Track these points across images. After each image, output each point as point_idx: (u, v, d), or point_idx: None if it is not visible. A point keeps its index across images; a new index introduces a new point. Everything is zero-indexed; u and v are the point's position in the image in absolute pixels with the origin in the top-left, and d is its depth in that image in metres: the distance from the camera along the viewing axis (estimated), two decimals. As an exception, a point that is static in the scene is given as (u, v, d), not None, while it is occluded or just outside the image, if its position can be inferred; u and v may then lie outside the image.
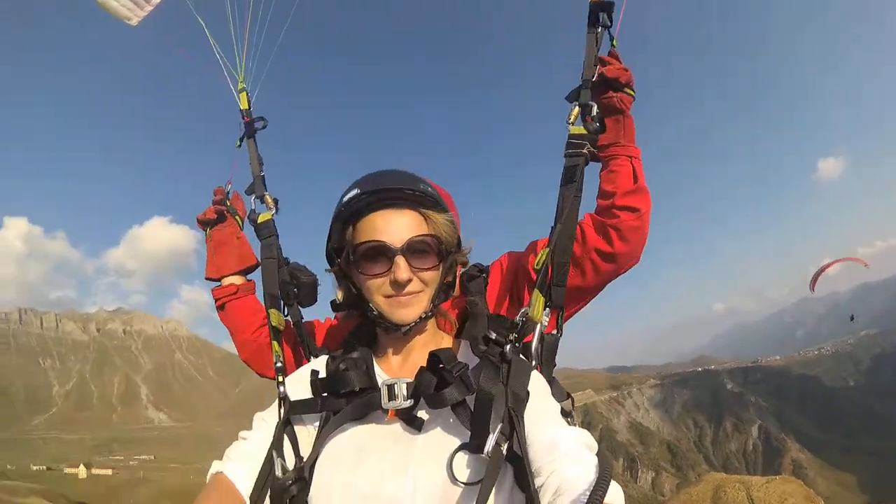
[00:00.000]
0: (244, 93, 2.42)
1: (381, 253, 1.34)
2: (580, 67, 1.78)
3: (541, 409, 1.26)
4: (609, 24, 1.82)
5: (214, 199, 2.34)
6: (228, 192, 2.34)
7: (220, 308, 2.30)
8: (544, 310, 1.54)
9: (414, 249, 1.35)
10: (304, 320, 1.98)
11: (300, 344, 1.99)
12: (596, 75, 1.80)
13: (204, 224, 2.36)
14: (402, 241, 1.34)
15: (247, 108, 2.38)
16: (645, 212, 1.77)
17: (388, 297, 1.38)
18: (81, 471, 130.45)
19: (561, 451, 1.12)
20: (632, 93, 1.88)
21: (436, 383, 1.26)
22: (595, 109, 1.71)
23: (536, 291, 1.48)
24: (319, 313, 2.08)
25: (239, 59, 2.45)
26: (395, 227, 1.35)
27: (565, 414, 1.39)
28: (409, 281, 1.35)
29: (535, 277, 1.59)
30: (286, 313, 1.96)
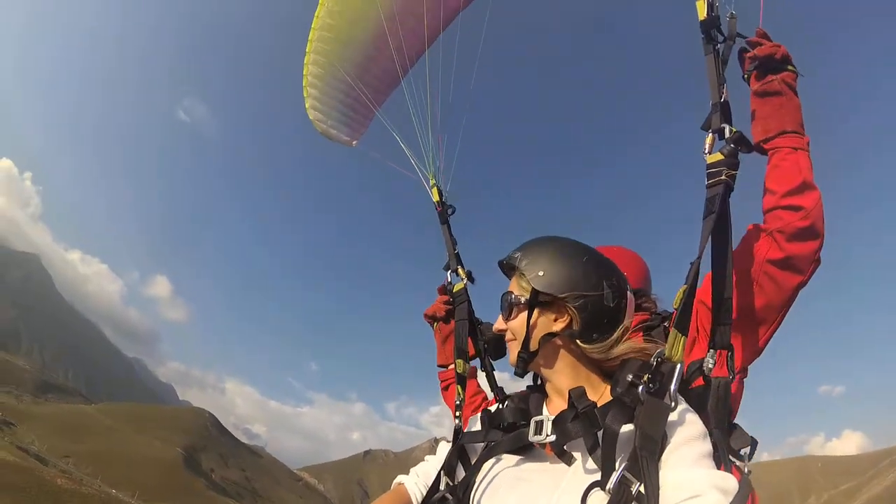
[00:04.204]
0: (434, 188, 3.03)
1: None
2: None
3: (681, 451, 1.26)
4: (724, 39, 1.74)
5: (441, 297, 2.84)
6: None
7: (445, 389, 2.82)
8: (708, 351, 1.51)
9: (502, 306, 1.67)
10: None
11: (492, 390, 2.31)
12: (748, 59, 1.74)
13: (432, 319, 2.91)
14: None
15: (438, 199, 2.98)
16: (811, 208, 1.61)
17: None
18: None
19: (687, 492, 1.15)
20: (794, 69, 1.72)
21: (571, 419, 1.37)
22: (729, 131, 1.62)
23: (674, 331, 1.39)
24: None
25: (428, 162, 3.09)
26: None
27: (739, 458, 1.42)
28: (504, 331, 1.66)
29: (674, 314, 1.52)
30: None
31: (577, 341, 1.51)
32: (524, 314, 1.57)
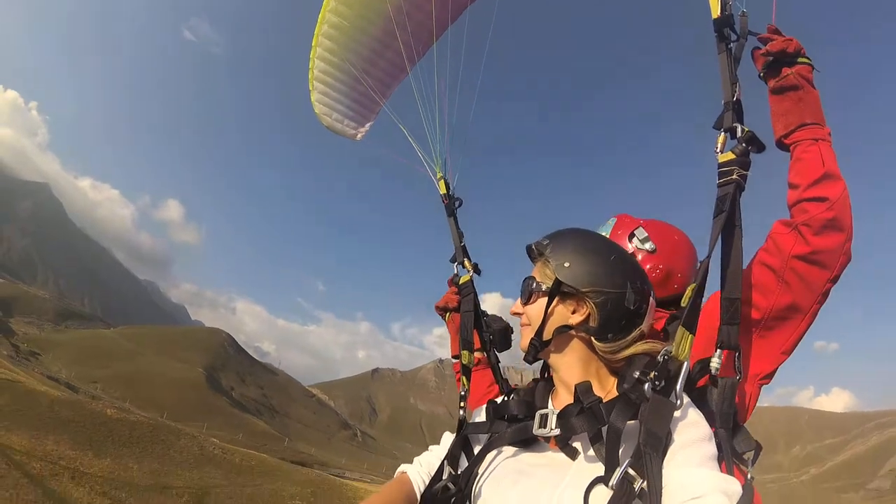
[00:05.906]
0: (441, 180, 2.99)
1: None
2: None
3: (686, 451, 1.25)
4: (737, 37, 1.72)
5: (451, 288, 2.80)
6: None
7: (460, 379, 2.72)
8: (715, 351, 1.51)
9: (521, 289, 1.65)
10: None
11: (497, 383, 2.38)
12: (761, 57, 1.72)
13: (443, 310, 2.87)
14: None
15: (445, 192, 2.95)
16: (836, 199, 1.54)
17: None
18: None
19: (691, 493, 1.14)
20: (808, 61, 1.69)
21: (576, 414, 1.37)
22: (741, 130, 1.60)
23: (681, 328, 1.37)
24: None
25: (435, 155, 3.03)
26: None
27: (742, 462, 1.43)
28: (520, 315, 1.65)
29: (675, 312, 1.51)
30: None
31: (592, 338, 1.50)
32: (543, 301, 1.56)
